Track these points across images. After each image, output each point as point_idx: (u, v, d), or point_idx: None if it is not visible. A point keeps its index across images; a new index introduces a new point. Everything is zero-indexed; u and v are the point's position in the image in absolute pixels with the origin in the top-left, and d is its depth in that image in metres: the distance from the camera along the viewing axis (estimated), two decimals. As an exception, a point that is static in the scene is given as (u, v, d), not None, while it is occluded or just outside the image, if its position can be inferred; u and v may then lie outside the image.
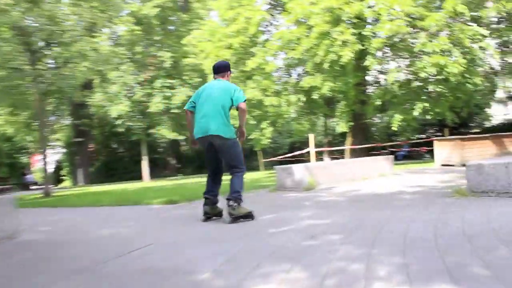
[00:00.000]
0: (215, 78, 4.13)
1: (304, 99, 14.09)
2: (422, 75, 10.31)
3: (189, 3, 23.16)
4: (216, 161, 4.03)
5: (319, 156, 31.03)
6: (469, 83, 10.32)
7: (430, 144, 21.99)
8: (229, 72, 4.17)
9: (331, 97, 15.83)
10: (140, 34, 19.99)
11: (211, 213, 4.03)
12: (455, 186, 5.27)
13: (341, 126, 14.12)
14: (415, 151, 23.58)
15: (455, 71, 9.44)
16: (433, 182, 6.30)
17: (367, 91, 14.38)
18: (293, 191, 6.46)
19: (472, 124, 24.91)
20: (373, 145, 15.66)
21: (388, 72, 11.48)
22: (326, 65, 11.41)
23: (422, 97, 11.38)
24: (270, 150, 27.52)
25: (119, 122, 20.69)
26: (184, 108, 4.15)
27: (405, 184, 6.25)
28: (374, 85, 14.99)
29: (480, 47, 10.00)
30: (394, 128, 12.03)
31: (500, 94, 24.34)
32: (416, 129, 26.54)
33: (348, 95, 12.76)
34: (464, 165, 9.09)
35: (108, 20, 13.63)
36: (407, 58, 11.66)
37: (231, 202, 3.75)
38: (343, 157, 15.69)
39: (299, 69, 16.99)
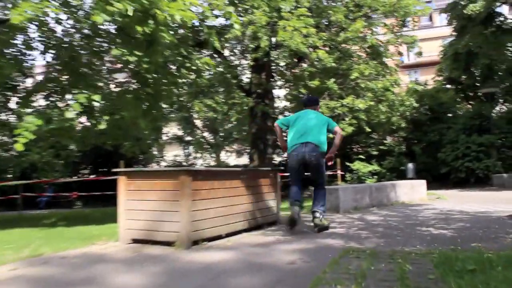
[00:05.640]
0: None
1: None
2: (100, 20, 5.00)
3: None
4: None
5: None
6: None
7: (89, 186, 15.51)
8: (318, 106, 5.05)
9: None
10: None
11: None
12: None
13: None
14: (65, 196, 16.55)
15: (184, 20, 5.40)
16: None
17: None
18: None
19: (139, 165, 19.22)
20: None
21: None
22: None
23: (89, 81, 6.50)
24: None
25: None
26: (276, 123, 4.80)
27: None
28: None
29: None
30: (19, 147, 5.29)
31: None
32: (70, 165, 18.83)
33: None
34: (211, 240, 3.55)
35: None
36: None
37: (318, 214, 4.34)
38: None
39: None
